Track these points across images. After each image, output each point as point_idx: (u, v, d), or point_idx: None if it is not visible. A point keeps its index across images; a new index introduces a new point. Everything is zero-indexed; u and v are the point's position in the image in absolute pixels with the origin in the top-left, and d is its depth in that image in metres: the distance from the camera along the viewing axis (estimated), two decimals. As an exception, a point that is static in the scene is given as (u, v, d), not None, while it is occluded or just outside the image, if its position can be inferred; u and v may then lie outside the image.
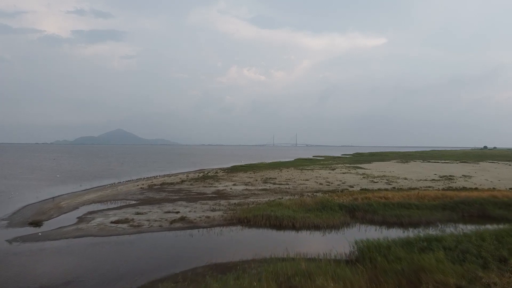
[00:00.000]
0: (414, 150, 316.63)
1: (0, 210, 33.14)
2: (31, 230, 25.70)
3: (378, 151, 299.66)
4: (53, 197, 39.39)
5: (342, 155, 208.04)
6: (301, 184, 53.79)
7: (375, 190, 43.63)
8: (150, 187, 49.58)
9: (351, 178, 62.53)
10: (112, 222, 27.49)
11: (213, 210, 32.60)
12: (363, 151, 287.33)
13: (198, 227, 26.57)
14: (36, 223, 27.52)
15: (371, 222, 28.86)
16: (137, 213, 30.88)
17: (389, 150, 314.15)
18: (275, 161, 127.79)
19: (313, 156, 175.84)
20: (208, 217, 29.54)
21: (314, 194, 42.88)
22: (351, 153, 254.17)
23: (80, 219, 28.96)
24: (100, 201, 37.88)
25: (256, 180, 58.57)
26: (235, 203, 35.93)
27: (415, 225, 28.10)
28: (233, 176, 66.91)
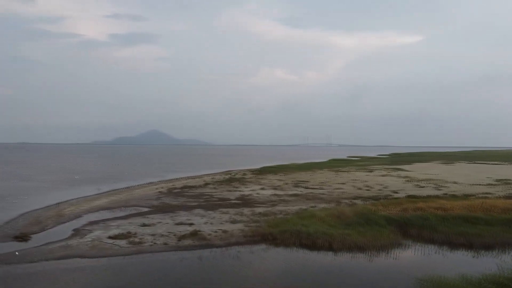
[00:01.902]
0: (453, 150, 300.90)
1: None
2: (12, 246, 21.43)
3: (414, 151, 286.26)
4: (58, 203, 35.49)
5: (378, 155, 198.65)
6: (337, 188, 47.85)
7: (425, 197, 37.21)
8: (169, 191, 45.12)
9: (393, 182, 55.90)
10: (109, 237, 22.85)
11: (233, 221, 27.44)
12: (398, 151, 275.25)
13: (211, 246, 21.46)
14: (23, 237, 23.28)
15: (430, 241, 22.80)
16: (143, 225, 26.18)
17: (425, 150, 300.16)
18: (307, 161, 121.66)
19: (347, 157, 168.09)
20: (225, 231, 24.39)
21: (353, 201, 37.00)
22: (387, 153, 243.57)
23: (76, 232, 24.53)
24: (108, 208, 33.59)
25: (287, 184, 53.06)
26: (260, 213, 30.66)
27: (488, 247, 21.84)
28: (261, 178, 61.68)
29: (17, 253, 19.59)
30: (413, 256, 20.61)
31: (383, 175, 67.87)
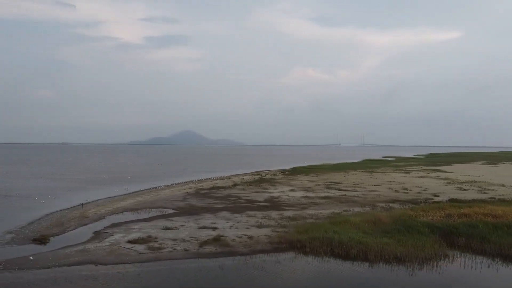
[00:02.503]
0: (493, 150, 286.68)
1: (20, 218, 29.03)
2: (28, 249, 20.61)
3: (452, 151, 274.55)
4: (83, 204, 34.91)
5: (415, 155, 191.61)
6: (371, 190, 45.21)
7: (470, 201, 34.18)
8: (197, 192, 43.97)
9: (433, 184, 52.52)
10: (129, 242, 21.66)
11: (260, 226, 25.71)
12: (435, 151, 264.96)
13: (234, 254, 19.81)
14: (42, 240, 22.50)
15: (480, 253, 20.24)
16: (166, 228, 24.90)
17: (464, 151, 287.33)
18: (340, 162, 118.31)
19: (382, 157, 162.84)
20: (250, 237, 22.70)
21: (389, 205, 34.49)
22: (424, 153, 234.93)
23: (96, 235, 23.55)
24: (133, 209, 32.68)
25: (318, 185, 50.82)
26: (288, 216, 28.79)
27: (550, 261, 19.05)
28: (292, 179, 59.66)
29: (31, 257, 18.66)
30: (461, 270, 18.20)
31: (421, 177, 64.30)
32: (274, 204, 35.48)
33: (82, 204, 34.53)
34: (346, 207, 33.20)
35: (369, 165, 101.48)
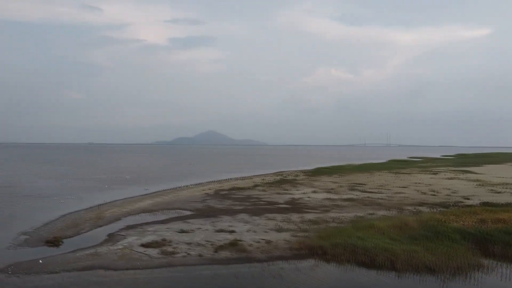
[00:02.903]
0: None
1: (37, 218, 28.82)
2: (40, 252, 20.09)
3: (481, 151, 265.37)
4: (100, 204, 34.55)
5: (442, 156, 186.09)
6: (397, 192, 43.28)
7: (504, 205, 32.06)
8: (216, 193, 43.11)
9: (463, 186, 50.04)
10: (142, 245, 20.87)
11: (279, 230, 24.52)
12: (463, 152, 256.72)
13: (250, 260, 18.70)
14: (55, 242, 21.99)
15: (520, 263, 18.43)
16: (181, 231, 24.03)
17: (493, 151, 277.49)
18: (364, 162, 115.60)
19: (408, 157, 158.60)
20: (269, 242, 21.55)
21: (417, 208, 32.67)
22: (452, 153, 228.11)
23: (109, 238, 22.89)
24: (150, 211, 32.04)
25: (341, 186, 49.17)
26: (310, 220, 27.49)
27: None
28: (314, 180, 58.13)
29: (40, 261, 18.06)
30: (498, 282, 16.56)
31: (449, 178, 61.65)
32: (295, 206, 34.21)
33: (99, 204, 34.19)
34: (371, 210, 31.61)
35: (394, 165, 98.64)
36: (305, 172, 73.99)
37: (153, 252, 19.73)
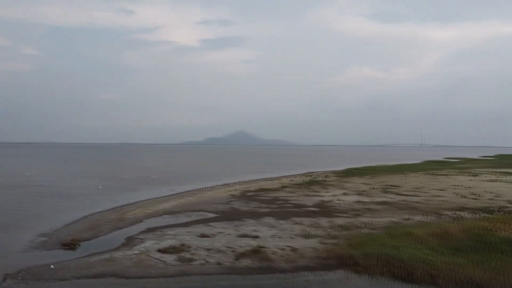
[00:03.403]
0: None
1: (59, 219, 28.38)
2: (54, 256, 19.31)
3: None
4: (123, 205, 33.88)
5: (481, 156, 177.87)
6: (435, 196, 40.52)
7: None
8: (242, 194, 41.76)
9: (506, 189, 46.52)
10: (159, 251, 19.70)
11: (306, 236, 22.82)
12: (503, 152, 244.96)
13: (273, 270, 17.12)
14: (71, 245, 21.21)
15: None
16: (202, 236, 22.76)
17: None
18: (398, 163, 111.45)
19: (444, 158, 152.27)
20: (294, 249, 19.90)
21: (457, 213, 30.11)
22: (490, 154, 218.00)
23: (127, 241, 21.90)
24: (173, 212, 31.01)
25: (374, 189, 46.74)
26: (340, 225, 25.63)
27: None
28: (345, 181, 55.82)
29: (52, 266, 17.18)
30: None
31: (491, 181, 57.79)
32: (324, 209, 32.35)
33: (122, 205, 33.53)
34: (407, 215, 29.32)
35: (430, 166, 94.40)
36: (336, 173, 71.61)
37: (169, 258, 18.50)
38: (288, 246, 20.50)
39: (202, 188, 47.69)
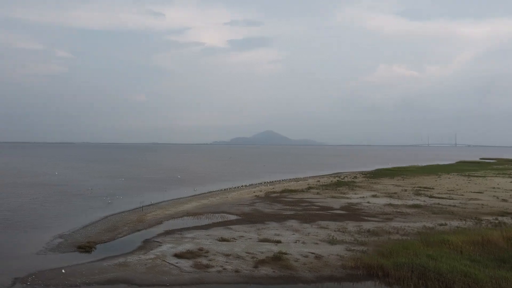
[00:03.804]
0: None
1: (79, 219, 28.02)
2: (68, 259, 18.66)
3: None
4: (144, 206, 33.26)
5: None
6: (472, 199, 38.00)
7: None
8: (267, 195, 40.50)
9: (551, 192, 43.20)
10: (175, 255, 18.71)
11: (332, 241, 21.32)
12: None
13: (294, 280, 15.79)
14: (87, 247, 20.55)
15: None
16: (221, 239, 21.65)
17: None
18: (430, 164, 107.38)
19: (480, 159, 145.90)
20: (318, 257, 18.47)
21: (498, 219, 27.83)
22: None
23: (144, 244, 21.07)
24: (194, 214, 30.08)
25: (405, 190, 44.48)
26: (368, 230, 23.96)
27: None
28: (374, 183, 53.64)
29: (63, 270, 16.44)
30: None
31: (533, 183, 54.13)
32: (352, 212, 30.67)
33: (142, 206, 32.91)
34: (442, 220, 27.27)
35: (464, 167, 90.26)
36: (364, 174, 69.28)
37: (185, 264, 17.45)
38: (311, 253, 19.10)
39: (226, 189, 46.77)
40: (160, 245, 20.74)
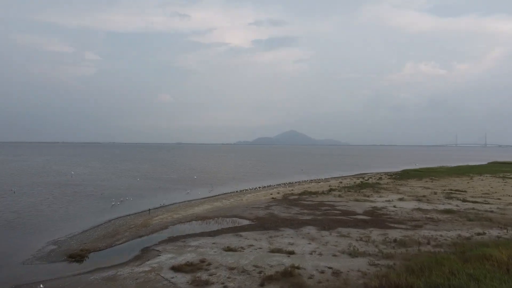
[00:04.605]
0: None
1: (80, 223, 26.32)
2: (54, 270, 16.81)
3: None
4: (149, 209, 31.32)
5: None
6: (511, 204, 34.41)
7: None
8: (284, 198, 38.02)
9: None
10: (172, 268, 16.51)
11: (353, 253, 18.65)
12: None
13: (306, 303, 13.27)
14: (79, 256, 18.67)
15: None
16: (228, 249, 19.34)
17: None
18: (460, 164, 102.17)
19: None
20: (337, 273, 15.88)
21: (544, 227, 24.35)
22: None
23: (141, 254, 19.01)
24: (203, 218, 27.90)
25: (435, 193, 41.10)
26: (395, 240, 21.16)
27: None
28: (401, 185, 50.29)
29: (41, 286, 14.46)
30: None
31: None
32: (376, 218, 27.82)
33: (149, 209, 30.99)
34: (479, 229, 24.12)
35: (498, 168, 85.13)
36: (390, 175, 65.73)
37: (181, 280, 15.21)
38: (329, 268, 16.52)
39: (242, 190, 44.53)
40: (159, 255, 18.61)
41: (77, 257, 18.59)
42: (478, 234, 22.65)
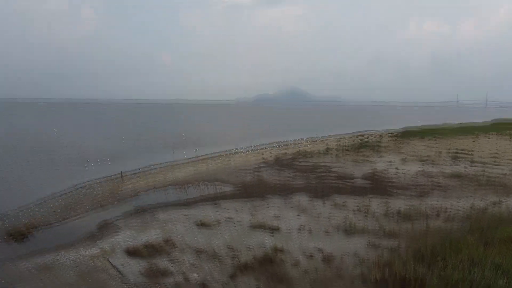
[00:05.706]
0: None
1: (38, 193, 22.85)
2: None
3: None
4: (121, 172, 28.10)
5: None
6: (524, 166, 31.37)
7: None
8: (277, 159, 34.93)
9: None
10: (127, 251, 13.50)
11: (349, 230, 15.61)
12: None
13: (286, 305, 10.28)
14: (20, 235, 15.55)
15: None
16: (201, 224, 16.33)
17: None
18: (463, 122, 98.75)
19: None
20: (328, 258, 12.86)
21: None
22: None
23: (97, 230, 16.02)
24: (182, 183, 24.85)
25: (440, 154, 37.97)
26: (398, 211, 18.12)
27: None
28: (403, 144, 47.14)
29: None
30: None
31: None
32: (377, 183, 24.79)
33: (121, 172, 27.84)
34: (493, 196, 21.03)
35: (503, 127, 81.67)
36: (391, 134, 62.49)
37: (134, 268, 12.18)
38: (319, 250, 13.52)
39: (232, 151, 41.30)
40: (116, 232, 15.58)
41: (18, 235, 15.51)
42: (494, 203, 19.58)
